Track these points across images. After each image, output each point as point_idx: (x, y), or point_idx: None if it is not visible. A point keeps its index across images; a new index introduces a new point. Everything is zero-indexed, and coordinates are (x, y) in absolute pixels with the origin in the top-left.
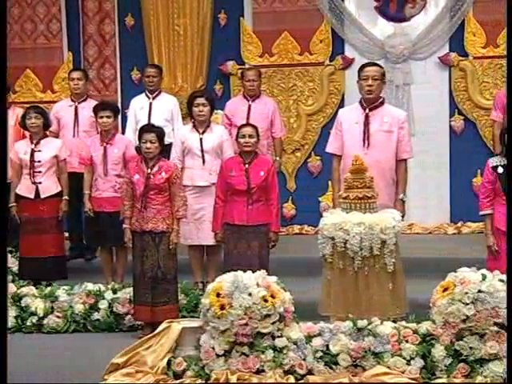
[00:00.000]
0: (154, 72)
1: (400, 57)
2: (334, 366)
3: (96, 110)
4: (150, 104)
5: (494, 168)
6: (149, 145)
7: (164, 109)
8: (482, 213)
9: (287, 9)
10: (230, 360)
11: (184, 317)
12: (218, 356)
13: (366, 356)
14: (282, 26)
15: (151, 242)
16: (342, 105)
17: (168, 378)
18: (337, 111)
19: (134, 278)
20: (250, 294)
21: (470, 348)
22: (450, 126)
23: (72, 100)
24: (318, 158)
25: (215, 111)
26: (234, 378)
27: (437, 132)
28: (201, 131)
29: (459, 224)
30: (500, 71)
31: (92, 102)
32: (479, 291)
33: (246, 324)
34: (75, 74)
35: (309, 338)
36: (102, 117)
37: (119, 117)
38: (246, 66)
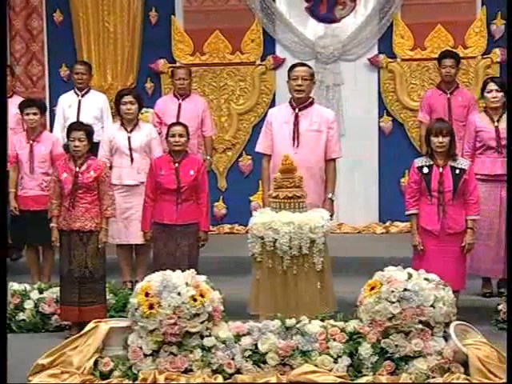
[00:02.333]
0: (83, 69)
1: (330, 57)
2: (262, 365)
3: (22, 106)
4: (79, 102)
5: (420, 168)
6: (77, 143)
7: (93, 107)
8: (407, 212)
9: (218, 8)
10: (157, 360)
11: (112, 316)
12: (145, 356)
13: (294, 355)
14: (213, 25)
15: (79, 242)
16: (273, 104)
17: (94, 378)
18: (268, 111)
19: (61, 278)
20: (178, 294)
21: (396, 346)
22: (379, 127)
23: None
24: (249, 157)
25: (145, 110)
26: (161, 378)
27: (366, 132)
28: (129, 129)
29: (387, 223)
30: (427, 73)
31: (18, 99)
32: (405, 290)
33: (175, 323)
34: None
35: (237, 337)
36: (28, 114)
37: (47, 114)
38: (177, 65)
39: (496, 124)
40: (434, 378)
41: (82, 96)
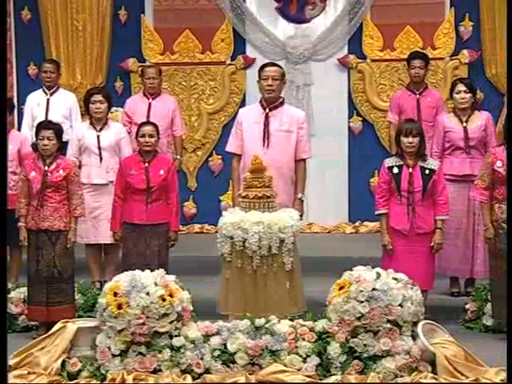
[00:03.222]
0: (51, 68)
1: (300, 58)
2: (231, 365)
3: None
4: (48, 100)
5: (390, 168)
6: (46, 142)
7: (62, 105)
8: (377, 212)
9: (188, 7)
10: (126, 360)
11: (81, 317)
12: (114, 356)
13: (263, 354)
14: (183, 24)
15: (47, 241)
16: (243, 104)
17: (62, 379)
18: (238, 110)
19: (29, 278)
20: (147, 294)
21: (364, 345)
22: (349, 127)
23: None
24: (219, 157)
25: (115, 109)
26: (130, 378)
27: (336, 132)
28: (98, 128)
29: (357, 223)
30: (396, 74)
31: None
32: (373, 289)
33: (144, 323)
34: None
35: (207, 336)
36: None
37: (15, 113)
38: (147, 64)
39: (464, 124)
40: (401, 377)
41: (51, 95)
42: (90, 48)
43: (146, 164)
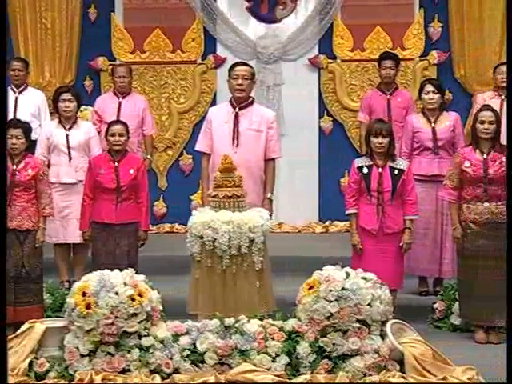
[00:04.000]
0: (19, 66)
1: (271, 57)
2: (200, 365)
3: None
4: (16, 99)
5: (360, 168)
6: (14, 140)
7: (30, 104)
8: (347, 212)
9: (159, 6)
10: (94, 360)
11: (49, 317)
12: (82, 356)
13: (233, 354)
14: (153, 23)
15: (15, 241)
16: (213, 103)
17: (29, 379)
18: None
19: None
20: (116, 293)
21: (333, 344)
22: (319, 127)
23: None
24: (190, 156)
25: (84, 107)
26: (98, 379)
27: (306, 132)
28: (67, 127)
29: (327, 223)
30: (366, 74)
31: None
32: (343, 289)
33: (112, 323)
34: None
35: (176, 336)
36: None
37: None
38: (117, 63)
39: (433, 125)
40: (370, 375)
41: (19, 93)
42: (59, 46)
43: (116, 163)
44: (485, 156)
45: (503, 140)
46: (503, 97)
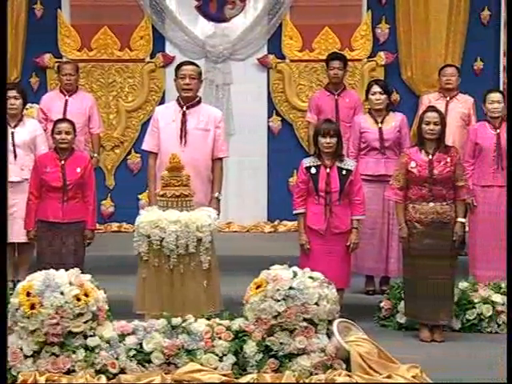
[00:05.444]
0: None
1: (220, 57)
2: (147, 365)
3: None
4: None
5: (308, 168)
6: None
7: None
8: (295, 212)
9: (106, 3)
10: (39, 361)
11: None
12: (26, 357)
13: (180, 353)
14: (101, 21)
15: None
16: (162, 102)
17: None
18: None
19: None
20: (61, 293)
21: (280, 343)
22: (268, 127)
23: None
24: (138, 155)
25: (30, 105)
26: (42, 379)
27: (255, 132)
28: (12, 125)
29: (276, 223)
30: (315, 74)
31: None
32: (290, 288)
33: (57, 323)
34: None
35: (122, 336)
36: None
37: None
38: (64, 60)
39: (379, 125)
40: (316, 374)
41: None
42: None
43: (62, 161)
44: (430, 157)
45: (448, 141)
46: (448, 98)
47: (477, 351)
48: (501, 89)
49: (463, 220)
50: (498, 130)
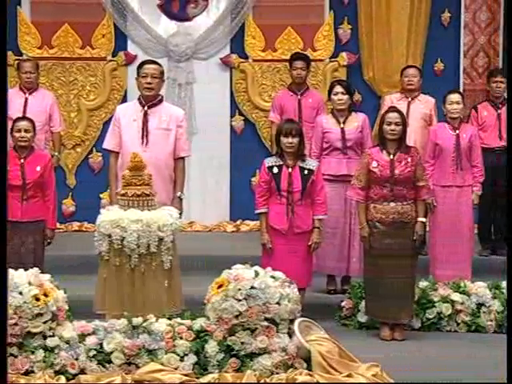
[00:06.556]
0: None
1: (183, 56)
2: (107, 365)
3: None
4: None
5: (270, 168)
6: None
7: None
8: (257, 211)
9: (68, 0)
10: None
11: None
12: None
13: (140, 353)
14: (62, 18)
15: None
16: (124, 101)
17: None
18: None
19: None
20: (20, 293)
21: (242, 343)
22: (231, 126)
23: None
24: (99, 154)
25: None
26: None
27: (218, 131)
28: None
29: (238, 222)
30: (278, 74)
31: None
32: (252, 287)
33: (16, 324)
34: None
35: (82, 336)
36: None
37: None
38: (24, 57)
39: (342, 125)
40: (277, 373)
41: None
42: None
43: (22, 160)
44: (391, 157)
45: (410, 141)
46: (410, 99)
47: (437, 350)
48: (460, 90)
49: (424, 220)
50: (458, 131)
